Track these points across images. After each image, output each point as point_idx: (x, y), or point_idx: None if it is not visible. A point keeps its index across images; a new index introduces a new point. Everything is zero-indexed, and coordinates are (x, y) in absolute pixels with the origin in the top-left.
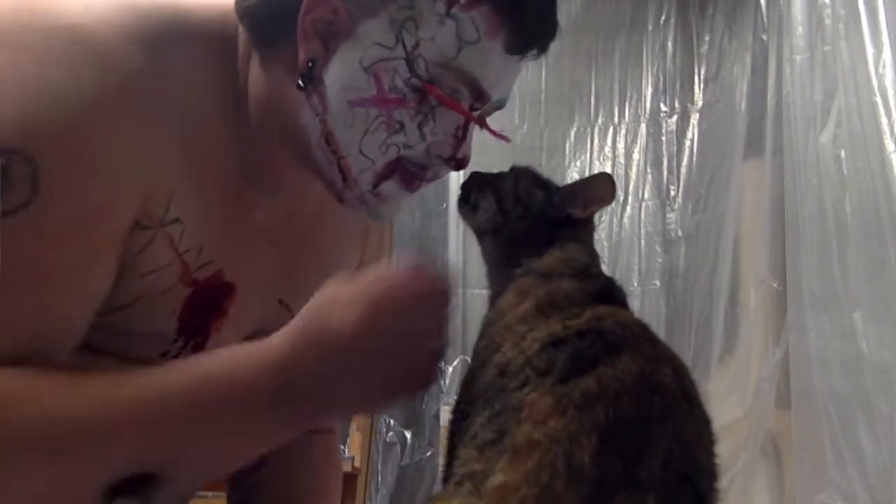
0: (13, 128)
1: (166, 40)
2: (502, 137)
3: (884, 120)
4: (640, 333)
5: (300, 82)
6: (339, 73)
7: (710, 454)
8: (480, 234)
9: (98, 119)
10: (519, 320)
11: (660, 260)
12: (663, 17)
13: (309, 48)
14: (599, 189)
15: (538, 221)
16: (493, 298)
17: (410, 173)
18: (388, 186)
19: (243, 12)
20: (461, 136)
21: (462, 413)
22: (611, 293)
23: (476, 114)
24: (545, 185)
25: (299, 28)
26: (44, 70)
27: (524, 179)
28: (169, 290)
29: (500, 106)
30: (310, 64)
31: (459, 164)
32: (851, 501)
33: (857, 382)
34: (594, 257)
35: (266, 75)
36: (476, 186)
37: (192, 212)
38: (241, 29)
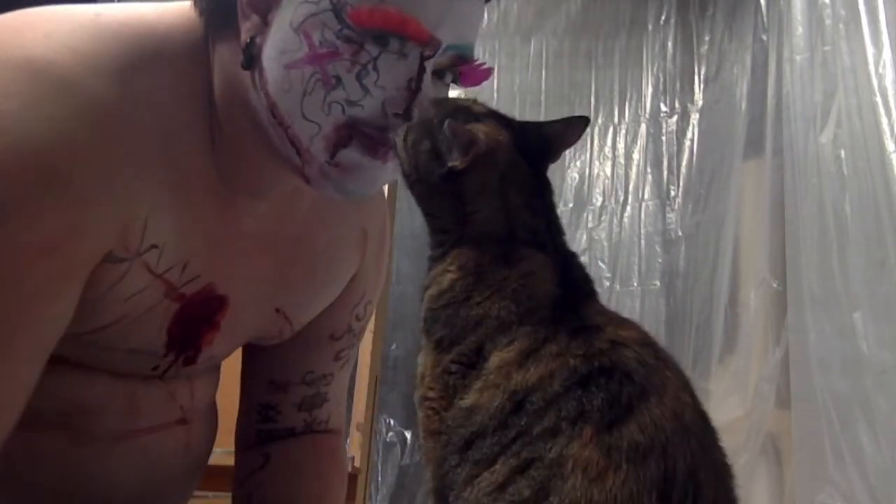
0: None
1: (135, 62)
2: (477, 79)
3: (884, 120)
4: (654, 362)
5: (243, 62)
6: (275, 41)
7: (731, 475)
8: None
9: (57, 151)
10: (496, 329)
11: (660, 260)
12: (663, 17)
13: (249, 27)
14: (461, 132)
15: (434, 181)
16: (430, 262)
17: (370, 138)
18: (349, 156)
19: (194, 3)
20: (415, 88)
21: (460, 436)
22: (569, 267)
23: (430, 63)
24: (431, 131)
25: (239, 9)
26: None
27: (412, 132)
28: (155, 307)
29: (462, 56)
30: (248, 41)
31: None
32: (851, 501)
33: (857, 382)
34: (515, 215)
35: (222, 65)
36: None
37: (173, 231)
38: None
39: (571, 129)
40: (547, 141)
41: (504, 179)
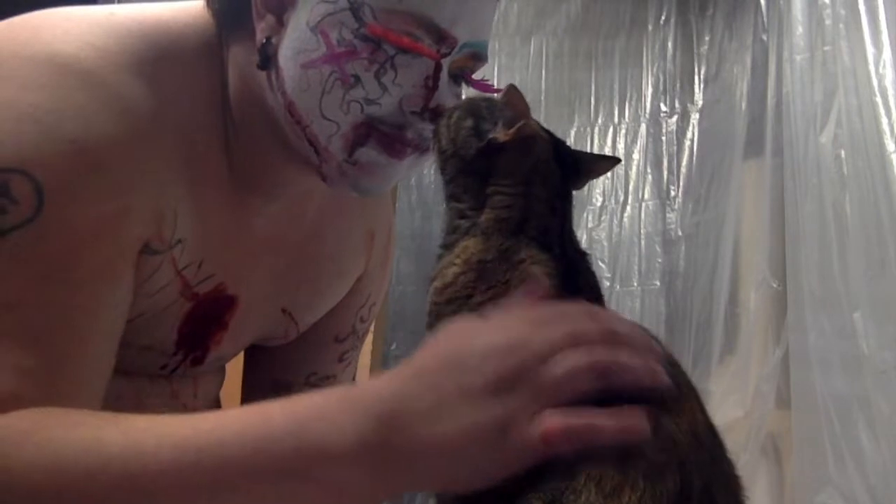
0: (7, 150)
1: (153, 59)
2: (488, 88)
3: (884, 120)
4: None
5: (259, 63)
6: (291, 41)
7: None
8: None
9: (92, 139)
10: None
11: (660, 260)
12: (663, 17)
13: (264, 27)
14: (512, 103)
15: (468, 157)
16: (440, 249)
17: (388, 136)
18: (367, 154)
19: (207, 3)
20: (432, 86)
21: None
22: (574, 272)
23: (447, 60)
24: (477, 111)
25: (253, 9)
26: (27, 95)
27: (458, 110)
28: (170, 304)
29: (477, 54)
30: (264, 41)
31: (434, 116)
32: (851, 501)
33: (857, 382)
34: (533, 203)
35: (236, 65)
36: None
37: (192, 228)
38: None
39: (601, 164)
40: (578, 164)
41: (535, 170)
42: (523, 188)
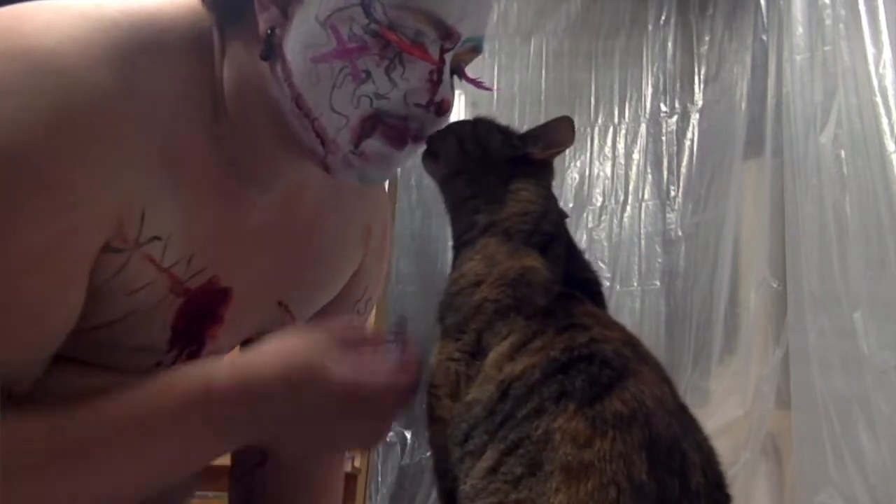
0: None
1: (137, 52)
2: (480, 85)
3: (884, 120)
4: (632, 356)
5: (263, 53)
6: (299, 34)
7: (715, 455)
8: (444, 182)
9: (49, 152)
10: (494, 313)
11: (660, 260)
12: (663, 17)
13: (267, 18)
14: (560, 131)
15: (497, 161)
16: (457, 249)
17: (392, 128)
18: (372, 145)
19: None
20: (437, 80)
21: (461, 430)
22: (574, 271)
23: (449, 55)
24: (504, 130)
25: (255, 0)
26: None
27: (483, 124)
28: (160, 302)
29: (476, 48)
30: (269, 32)
31: (439, 109)
32: (851, 501)
33: (857, 382)
34: (551, 203)
35: (234, 57)
36: (439, 135)
37: (177, 224)
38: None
39: None
40: None
41: (550, 186)
42: (544, 190)
